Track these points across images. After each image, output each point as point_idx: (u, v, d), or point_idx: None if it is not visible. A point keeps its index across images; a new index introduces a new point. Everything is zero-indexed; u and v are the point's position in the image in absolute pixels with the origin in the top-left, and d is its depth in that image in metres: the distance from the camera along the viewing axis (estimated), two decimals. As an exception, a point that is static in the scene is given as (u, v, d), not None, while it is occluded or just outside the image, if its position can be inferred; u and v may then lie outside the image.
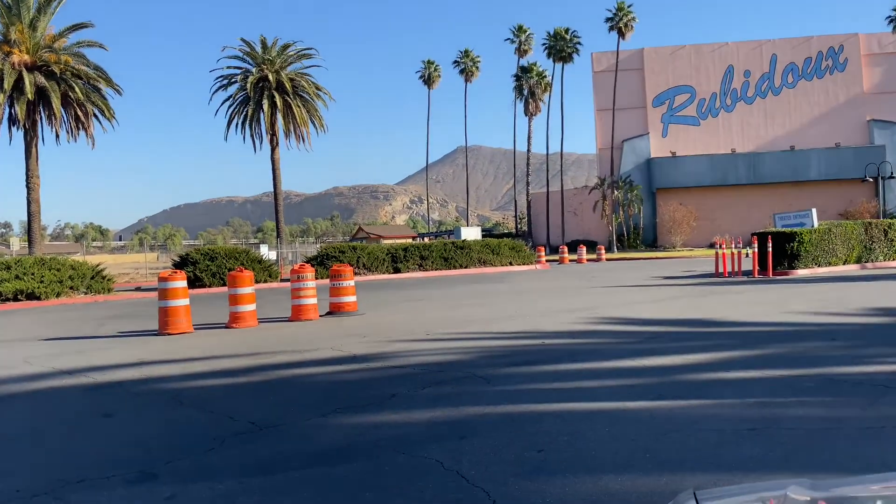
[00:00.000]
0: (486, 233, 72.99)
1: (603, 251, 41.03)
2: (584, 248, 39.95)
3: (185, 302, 11.93)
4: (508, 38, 66.18)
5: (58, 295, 21.02)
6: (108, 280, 22.93)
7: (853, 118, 59.10)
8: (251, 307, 12.46)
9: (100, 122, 33.43)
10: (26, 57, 31.35)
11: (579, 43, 61.32)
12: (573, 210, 62.13)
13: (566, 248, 40.71)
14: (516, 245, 32.85)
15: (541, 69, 64.11)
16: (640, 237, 56.50)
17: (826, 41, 59.99)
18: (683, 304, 13.77)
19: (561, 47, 60.67)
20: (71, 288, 21.53)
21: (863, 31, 60.84)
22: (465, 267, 30.06)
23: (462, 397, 6.11)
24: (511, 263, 31.71)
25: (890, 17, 58.47)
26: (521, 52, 65.76)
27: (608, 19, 57.82)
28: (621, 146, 59.51)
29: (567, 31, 61.15)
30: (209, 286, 23.58)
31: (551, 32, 61.31)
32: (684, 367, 7.14)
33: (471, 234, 47.68)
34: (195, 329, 12.12)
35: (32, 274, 21.02)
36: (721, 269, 22.40)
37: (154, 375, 7.91)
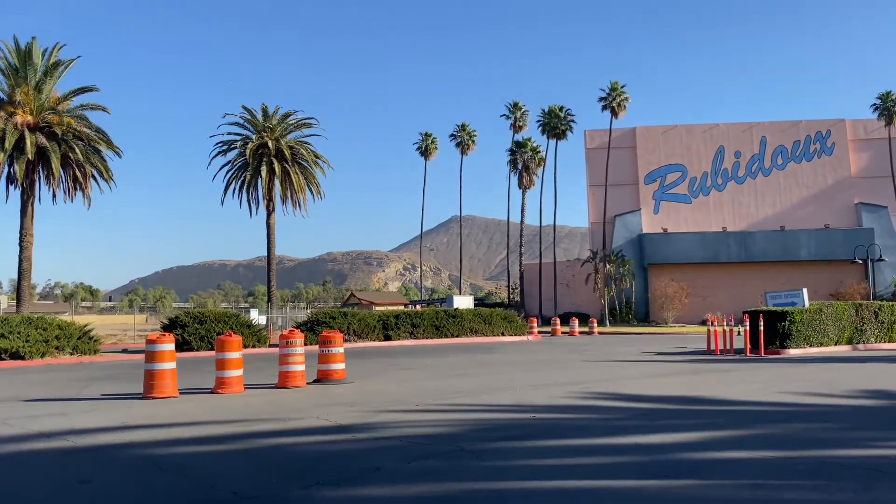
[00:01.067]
0: (479, 302, 72.79)
1: (595, 324, 41.06)
2: (577, 321, 40.02)
3: (171, 365, 11.80)
4: (504, 114, 67.72)
5: (42, 355, 20.71)
6: (95, 341, 22.68)
7: (841, 200, 60.14)
8: (238, 373, 12.37)
9: (97, 184, 33.75)
10: (29, 118, 31.84)
11: (573, 120, 62.74)
12: (566, 282, 62.27)
13: (558, 320, 40.78)
14: (508, 315, 32.88)
15: (535, 144, 65.37)
16: (633, 311, 56.45)
17: (814, 126, 61.62)
18: (675, 380, 13.70)
19: (555, 124, 62.03)
20: (57, 348, 21.25)
21: (849, 116, 62.69)
22: (457, 336, 30.01)
23: (450, 472, 5.99)
24: (503, 334, 31.68)
25: (875, 104, 60.30)
26: (516, 127, 67.17)
27: (601, 98, 59.36)
28: (613, 221, 60.16)
29: (561, 108, 62.67)
30: (197, 350, 23.40)
31: (546, 110, 62.77)
32: (675, 446, 7.05)
33: (463, 302, 47.72)
34: (181, 393, 11.95)
35: (18, 333, 20.75)
36: (713, 347, 22.32)
37: (136, 440, 7.75)
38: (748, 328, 21.63)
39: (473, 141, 72.61)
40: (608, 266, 55.56)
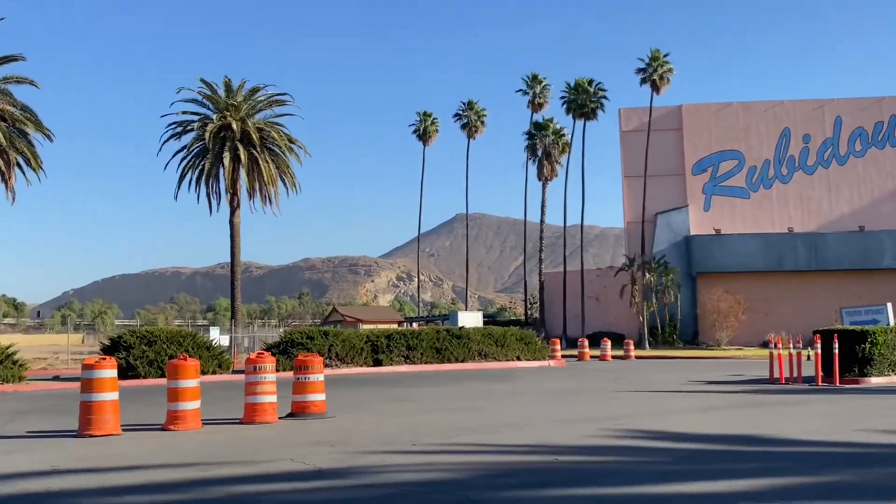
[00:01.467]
0: (489, 319, 72.71)
1: (632, 346, 40.96)
2: (609, 343, 39.96)
3: (113, 396, 11.81)
4: (521, 90, 67.80)
5: (-44, 383, 20.75)
6: (20, 366, 22.67)
7: (934, 195, 60.07)
8: (195, 405, 12.38)
9: (23, 174, 33.84)
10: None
11: (605, 97, 62.80)
12: (595, 295, 62.19)
13: (587, 342, 40.73)
14: (525, 335, 32.84)
15: (558, 126, 65.42)
16: (677, 331, 56.38)
17: (900, 103, 61.54)
18: (729, 415, 13.69)
19: (583, 101, 62.12)
20: (-27, 374, 21.29)
21: (943, 91, 62.61)
22: (462, 360, 30.06)
23: (452, 527, 6.00)
24: (519, 358, 31.71)
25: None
26: (535, 105, 67.27)
27: (640, 70, 59.39)
28: (654, 220, 60.12)
29: (590, 82, 62.76)
30: (145, 377, 23.45)
31: (571, 84, 62.90)
32: (728, 497, 7.03)
33: (470, 319, 47.69)
34: (124, 430, 11.95)
35: (-76, 356, 20.81)
36: (776, 374, 22.26)
37: (68, 488, 7.74)
38: (819, 351, 21.54)
39: (482, 122, 72.74)
40: (648, 275, 55.52)
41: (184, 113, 42.08)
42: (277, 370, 15.02)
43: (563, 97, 63.43)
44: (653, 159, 59.78)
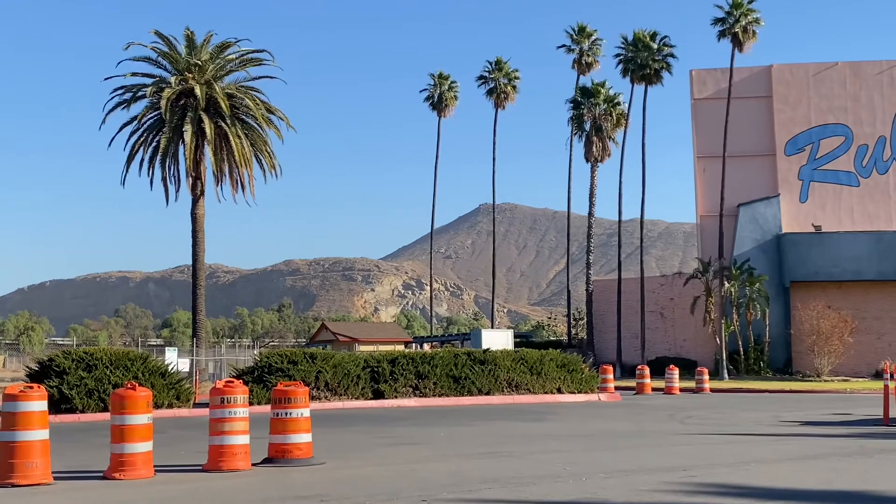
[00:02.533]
0: (523, 339, 72.58)
1: (706, 377, 40.84)
2: (676, 372, 39.72)
3: (43, 435, 11.87)
4: (564, 45, 67.74)
5: None
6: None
7: None
8: (145, 447, 12.39)
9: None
10: None
11: (671, 55, 62.56)
12: (659, 310, 62.02)
13: (647, 370, 40.56)
14: (569, 361, 32.83)
15: (612, 92, 65.27)
16: (765, 357, 56.03)
17: None
18: (831, 466, 13.62)
19: (643, 60, 61.88)
20: None
21: None
22: (487, 393, 30.07)
23: None
24: (560, 390, 31.75)
25: None
26: (582, 65, 67.19)
27: (718, 20, 59.04)
28: (736, 213, 59.80)
29: (653, 36, 62.49)
30: (83, 410, 23.50)
31: (629, 38, 62.70)
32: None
33: (497, 340, 47.76)
34: (57, 479, 11.96)
35: None
36: (893, 414, 22.08)
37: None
38: (949, 384, 21.38)
39: (514, 87, 72.68)
40: (727, 284, 55.17)
41: (133, 75, 42.20)
42: (251, 403, 15.11)
43: (617, 55, 63.29)
44: (734, 135, 59.25)
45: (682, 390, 39.08)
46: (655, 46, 62.23)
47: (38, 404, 11.96)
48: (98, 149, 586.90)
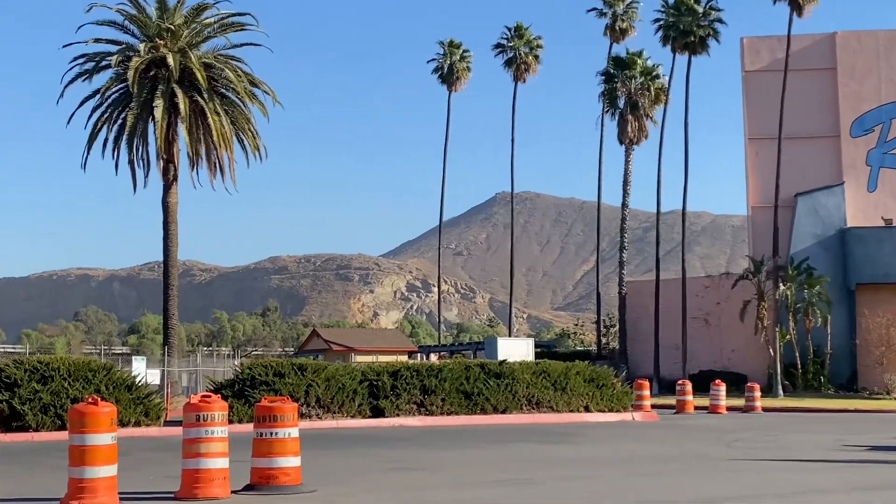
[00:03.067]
0: (545, 349, 72.88)
1: (757, 393, 40.82)
2: (723, 387, 39.59)
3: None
4: (594, 9, 67.61)
5: None
6: None
7: None
8: (109, 471, 12.32)
9: None
10: None
11: (719, 20, 62.51)
12: (703, 316, 62.05)
13: (689, 385, 40.71)
14: (598, 375, 32.99)
15: (650, 63, 65.22)
16: (826, 370, 55.83)
17: None
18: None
19: (687, 26, 61.66)
20: None
21: None
22: (504, 410, 30.18)
23: None
24: (588, 408, 31.85)
25: None
26: (615, 32, 67.15)
27: (773, -21, 58.93)
28: (793, 204, 59.70)
29: (698, -2, 62.33)
30: (37, 428, 23.47)
31: (670, 1, 62.44)
32: None
33: (515, 350, 47.99)
34: (4, 509, 11.91)
35: None
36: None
37: None
38: None
39: (536, 57, 72.59)
40: (783, 287, 55.01)
41: (97, 41, 42.37)
42: (231, 421, 15.34)
43: (657, 20, 63.29)
44: (791, 114, 59.08)
45: (729, 409, 39.09)
46: (701, 10, 62.05)
47: (-19, 421, 11.89)
48: (55, 127, 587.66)
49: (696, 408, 39.39)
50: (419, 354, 73.14)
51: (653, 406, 37.13)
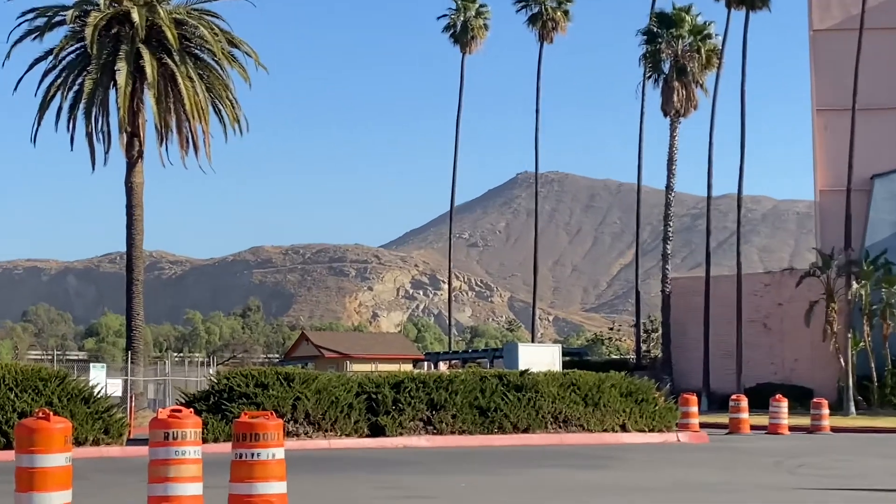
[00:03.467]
0: (574, 357, 74.32)
1: (826, 410, 40.62)
2: (785, 403, 39.33)
3: None
4: (634, -44, 67.27)
5: None
6: None
7: None
8: (63, 497, 12.37)
9: None
10: None
11: (782, -28, 61.94)
12: (762, 319, 61.97)
13: (745, 401, 40.22)
14: (637, 388, 33.05)
15: (700, 20, 65.12)
16: (908, 384, 55.53)
17: None
18: None
19: (744, -23, 61.23)
20: None
21: None
22: (525, 429, 30.36)
23: None
24: (624, 427, 31.94)
25: None
26: (657, -17, 66.82)
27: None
28: (869, 187, 59.72)
29: (756, -56, 61.93)
30: (-23, 447, 23.72)
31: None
32: None
33: (539, 358, 48.16)
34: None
35: None
36: None
37: None
38: None
39: (566, 12, 72.29)
40: (856, 285, 54.76)
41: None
42: (206, 440, 15.85)
43: (708, -31, 62.85)
44: (867, 81, 58.61)
45: (792, 429, 39.12)
46: (761, -42, 61.50)
47: None
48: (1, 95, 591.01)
49: (753, 427, 39.06)
50: (426, 363, 75.46)
51: (701, 425, 37.53)
